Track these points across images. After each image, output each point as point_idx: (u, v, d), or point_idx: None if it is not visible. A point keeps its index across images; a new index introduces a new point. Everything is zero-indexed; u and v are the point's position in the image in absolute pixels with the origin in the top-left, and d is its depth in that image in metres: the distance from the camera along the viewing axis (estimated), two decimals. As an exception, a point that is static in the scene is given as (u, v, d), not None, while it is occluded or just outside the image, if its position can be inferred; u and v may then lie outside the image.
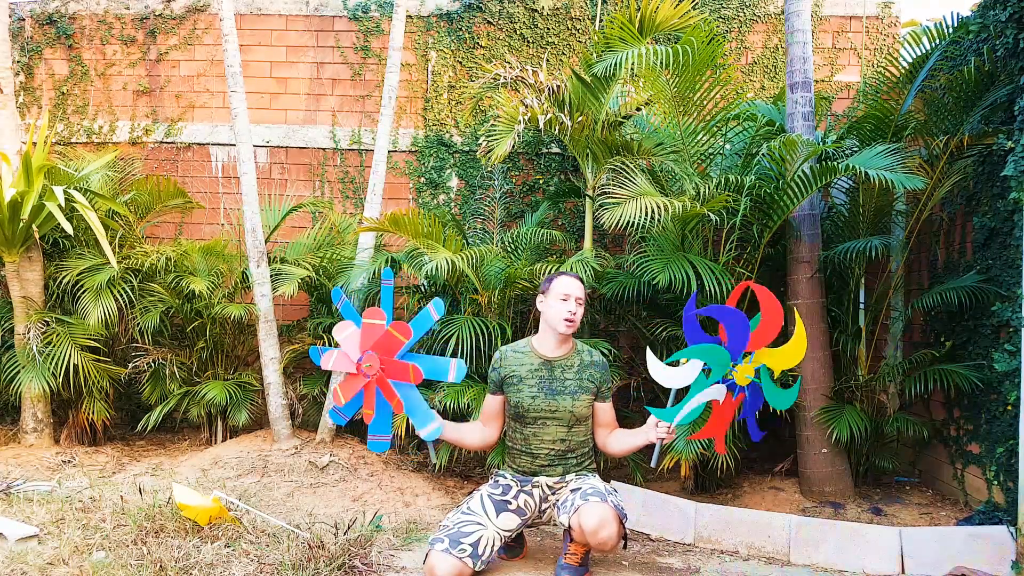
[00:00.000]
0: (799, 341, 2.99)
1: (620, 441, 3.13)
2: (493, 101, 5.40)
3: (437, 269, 4.17)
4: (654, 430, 2.97)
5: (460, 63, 5.84)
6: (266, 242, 4.96)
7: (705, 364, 2.94)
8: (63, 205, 4.41)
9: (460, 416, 4.17)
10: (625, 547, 3.04)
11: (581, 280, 3.15)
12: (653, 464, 3.04)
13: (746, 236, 4.28)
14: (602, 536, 2.81)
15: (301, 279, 4.84)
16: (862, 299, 4.56)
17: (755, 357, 2.99)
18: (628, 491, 3.92)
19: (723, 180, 4.10)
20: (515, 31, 5.80)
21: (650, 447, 3.07)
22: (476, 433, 3.21)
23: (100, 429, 5.06)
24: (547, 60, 5.75)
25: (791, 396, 3.16)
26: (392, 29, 4.96)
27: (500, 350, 3.22)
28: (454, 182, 5.84)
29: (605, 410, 3.18)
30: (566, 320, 3.04)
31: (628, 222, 3.86)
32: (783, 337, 3.10)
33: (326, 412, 4.82)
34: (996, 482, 3.80)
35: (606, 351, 4.16)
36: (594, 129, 4.59)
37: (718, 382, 2.94)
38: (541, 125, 4.39)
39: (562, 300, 3.06)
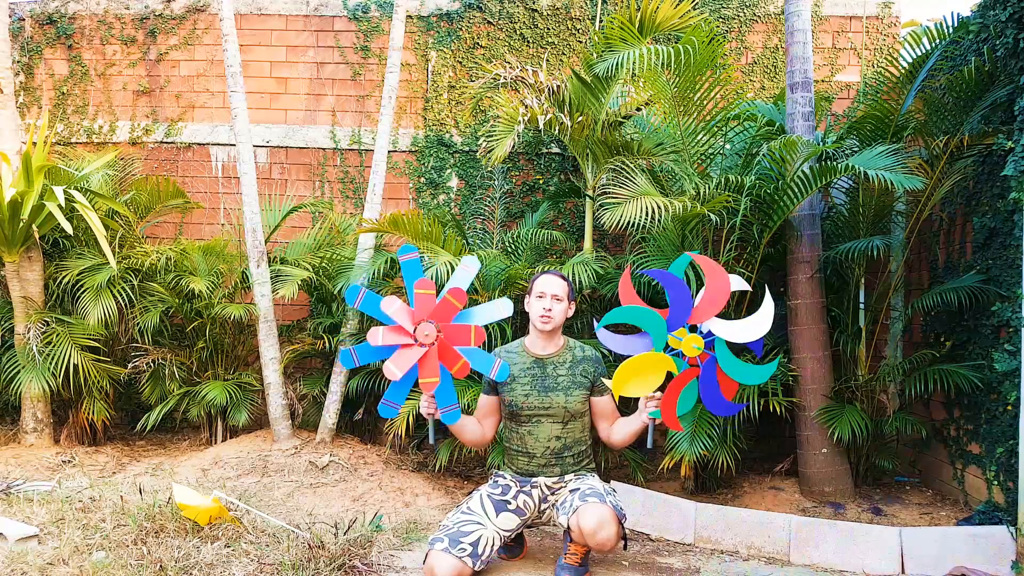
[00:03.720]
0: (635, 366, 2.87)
1: (621, 430, 3.13)
2: (493, 101, 5.39)
3: (437, 274, 4.17)
4: (644, 408, 2.98)
5: (460, 63, 5.84)
6: (266, 242, 4.96)
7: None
8: (63, 205, 4.41)
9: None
10: (625, 547, 3.04)
11: (563, 278, 3.16)
12: (648, 446, 3.01)
13: (746, 236, 4.28)
14: (601, 537, 2.82)
15: (301, 280, 4.83)
16: (862, 299, 4.56)
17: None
18: (628, 491, 3.92)
19: (723, 180, 4.11)
20: (515, 31, 5.80)
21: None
22: (475, 427, 3.21)
23: (100, 429, 5.07)
24: (547, 60, 5.75)
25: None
26: (392, 29, 4.96)
27: (494, 351, 3.25)
28: (454, 182, 5.84)
29: (604, 403, 3.19)
30: (541, 317, 3.09)
31: (628, 222, 3.87)
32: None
33: (326, 412, 4.82)
34: (996, 482, 3.80)
35: (606, 351, 4.16)
36: (594, 129, 4.59)
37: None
38: (541, 125, 4.39)
39: (538, 298, 3.12)
